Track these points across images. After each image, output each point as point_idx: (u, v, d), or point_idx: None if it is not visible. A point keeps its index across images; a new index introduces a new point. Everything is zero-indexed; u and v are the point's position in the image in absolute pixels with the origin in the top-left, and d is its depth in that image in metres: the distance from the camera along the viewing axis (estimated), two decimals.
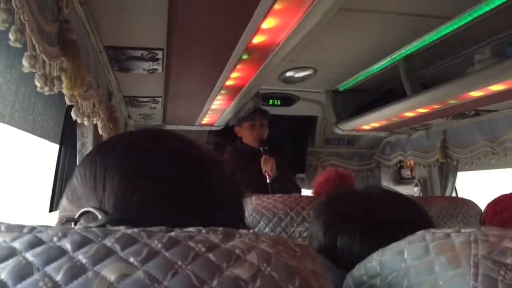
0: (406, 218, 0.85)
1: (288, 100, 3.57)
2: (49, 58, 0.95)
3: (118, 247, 0.37)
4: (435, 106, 2.50)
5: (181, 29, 1.60)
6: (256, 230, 1.38)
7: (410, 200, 0.92)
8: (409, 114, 2.76)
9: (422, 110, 2.63)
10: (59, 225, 0.51)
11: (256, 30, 1.56)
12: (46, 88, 0.96)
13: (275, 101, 3.55)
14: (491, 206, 1.54)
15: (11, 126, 1.34)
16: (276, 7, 1.38)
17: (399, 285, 0.46)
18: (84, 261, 0.36)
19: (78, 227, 0.39)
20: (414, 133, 3.61)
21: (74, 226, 0.39)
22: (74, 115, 1.30)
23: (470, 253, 0.43)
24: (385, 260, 0.48)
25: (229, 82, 2.26)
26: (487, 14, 1.88)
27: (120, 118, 2.41)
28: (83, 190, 0.51)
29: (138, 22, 1.55)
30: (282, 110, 3.58)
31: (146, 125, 3.40)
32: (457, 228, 0.46)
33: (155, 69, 1.97)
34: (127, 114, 3.02)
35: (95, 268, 0.35)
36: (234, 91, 2.48)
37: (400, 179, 4.09)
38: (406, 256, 0.46)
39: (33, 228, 0.38)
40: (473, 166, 3.13)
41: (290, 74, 2.97)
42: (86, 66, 1.45)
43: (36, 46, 0.88)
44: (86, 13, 1.44)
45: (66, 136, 2.14)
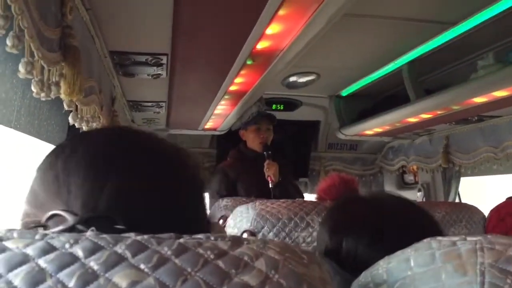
0: (411, 222, 0.86)
1: (291, 105, 3.57)
2: (48, 64, 0.96)
3: (129, 254, 0.38)
4: (438, 112, 2.50)
5: (185, 34, 1.61)
6: (260, 235, 1.39)
7: (415, 204, 0.94)
8: (412, 120, 2.76)
9: (425, 116, 2.63)
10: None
11: (260, 35, 1.57)
12: (43, 94, 0.96)
13: (278, 106, 3.55)
14: (495, 212, 1.54)
15: (17, 130, 1.35)
16: (280, 13, 1.39)
17: None
18: (95, 267, 0.36)
19: (89, 234, 0.39)
20: (417, 138, 3.61)
21: (45, 231, 0.39)
22: (71, 120, 1.30)
23: (477, 261, 0.43)
24: (391, 267, 0.48)
25: (232, 87, 2.27)
26: (490, 20, 1.88)
27: (123, 122, 2.42)
28: (46, 194, 0.51)
29: (143, 27, 1.56)
30: (285, 115, 3.59)
31: (149, 129, 3.40)
32: (463, 236, 0.47)
33: (159, 74, 1.98)
34: (131, 119, 3.03)
35: (107, 274, 0.36)
36: (238, 96, 2.49)
37: (403, 184, 4.08)
38: (412, 263, 0.47)
39: (45, 234, 0.38)
40: (475, 172, 3.13)
41: (293, 79, 2.97)
42: (89, 71, 1.46)
43: (34, 52, 0.88)
44: (91, 18, 1.45)
45: None
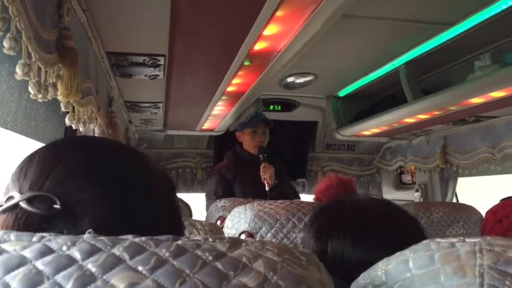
0: (393, 223, 0.88)
1: (288, 105, 3.57)
2: (45, 66, 0.95)
3: (126, 256, 0.38)
4: (436, 112, 2.51)
5: (183, 35, 1.61)
6: (258, 236, 1.38)
7: (398, 207, 0.96)
8: (409, 120, 2.77)
9: (422, 116, 2.63)
10: None
11: (258, 36, 1.57)
12: (40, 95, 0.96)
13: (276, 106, 3.55)
14: (491, 213, 1.54)
15: (14, 132, 1.34)
16: (278, 14, 1.39)
17: None
18: (93, 270, 0.36)
19: (86, 236, 0.39)
20: (414, 138, 3.61)
21: (43, 233, 0.40)
22: (68, 122, 1.30)
23: (476, 263, 0.43)
24: (390, 269, 0.48)
25: (230, 88, 2.27)
26: (487, 21, 1.89)
27: (120, 123, 2.42)
28: (11, 181, 0.58)
29: (140, 28, 1.56)
30: (283, 116, 3.59)
31: (147, 130, 3.40)
32: (462, 237, 0.47)
33: (157, 75, 1.98)
34: (128, 119, 3.03)
35: (104, 277, 0.36)
36: (235, 97, 2.49)
37: (400, 185, 4.09)
38: (411, 265, 0.47)
39: (42, 236, 0.38)
40: (473, 172, 3.14)
41: (291, 79, 2.98)
42: (86, 72, 1.45)
43: (32, 54, 0.88)
44: (88, 19, 1.44)
45: None
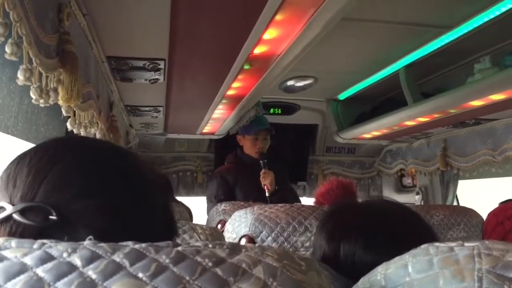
0: (405, 226, 0.88)
1: (289, 109, 3.58)
2: (46, 71, 0.96)
3: (127, 263, 0.38)
4: (436, 115, 2.51)
5: (183, 39, 1.61)
6: (258, 240, 1.38)
7: (410, 209, 0.95)
8: (409, 123, 2.77)
9: (422, 119, 2.63)
10: None
11: (257, 40, 1.57)
12: (42, 100, 0.97)
13: (276, 110, 3.56)
14: (492, 216, 1.54)
15: (15, 136, 1.35)
16: (277, 18, 1.39)
17: None
18: (94, 276, 0.36)
19: (86, 243, 0.39)
20: (415, 141, 3.62)
21: (43, 240, 0.40)
22: (69, 126, 1.30)
23: (474, 267, 0.43)
24: (389, 273, 0.48)
25: (230, 92, 2.27)
26: (487, 24, 1.89)
27: (121, 127, 2.42)
28: None
29: (140, 33, 1.57)
30: (283, 119, 3.59)
31: (147, 134, 3.40)
32: (460, 242, 0.47)
33: (157, 79, 1.98)
34: (129, 123, 3.03)
35: (105, 283, 0.36)
36: (235, 101, 2.49)
37: (401, 187, 4.09)
38: (410, 269, 0.47)
39: (43, 243, 0.38)
40: (473, 175, 3.13)
41: (291, 83, 2.98)
42: (87, 77, 1.45)
43: (33, 59, 0.88)
44: (89, 24, 1.45)
45: None
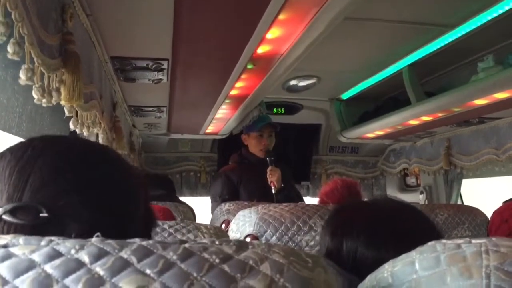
0: (407, 224, 0.90)
1: (292, 108, 3.58)
2: (48, 71, 0.96)
3: (134, 259, 0.38)
4: (439, 114, 2.50)
5: (186, 39, 1.62)
6: (262, 239, 1.38)
7: (414, 208, 0.97)
8: (413, 122, 2.76)
9: (426, 118, 2.63)
10: None
11: (260, 40, 1.57)
12: (44, 100, 0.97)
13: (279, 109, 3.56)
14: (498, 214, 1.54)
15: (19, 137, 1.35)
16: (280, 18, 1.39)
17: None
18: (102, 273, 0.36)
19: (94, 239, 0.39)
20: (418, 140, 3.61)
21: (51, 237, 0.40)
22: (72, 126, 1.30)
23: (482, 264, 0.43)
24: (396, 271, 0.48)
25: (233, 92, 2.27)
26: (490, 23, 1.89)
27: (124, 127, 2.42)
28: None
29: (144, 33, 1.57)
30: (286, 119, 3.59)
31: (151, 134, 3.41)
32: (467, 238, 0.47)
33: (160, 79, 1.99)
34: (132, 123, 3.04)
35: (113, 280, 0.36)
36: (239, 100, 2.49)
37: (405, 187, 4.08)
38: (417, 267, 0.47)
39: (50, 240, 0.38)
40: (477, 174, 3.13)
41: (294, 82, 2.98)
42: (90, 77, 1.46)
43: (34, 59, 0.88)
44: (92, 24, 1.45)
45: None
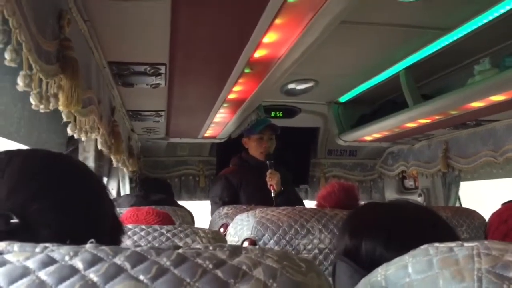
0: (424, 226, 0.91)
1: (290, 112, 3.58)
2: (46, 77, 0.96)
3: (128, 265, 0.38)
4: (436, 117, 2.51)
5: (183, 44, 1.62)
6: (260, 243, 1.39)
7: (431, 210, 0.98)
8: (410, 125, 2.77)
9: (423, 121, 2.63)
10: None
11: (257, 44, 1.58)
12: (42, 106, 0.97)
13: (277, 113, 3.56)
14: (497, 215, 1.54)
15: (17, 142, 1.35)
16: (277, 22, 1.40)
17: None
18: (95, 279, 0.37)
19: (88, 246, 0.40)
20: (416, 143, 3.61)
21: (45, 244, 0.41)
22: (70, 131, 1.30)
23: (474, 267, 0.43)
24: (389, 274, 0.48)
25: (231, 96, 2.28)
26: (486, 25, 1.90)
27: (123, 132, 2.42)
28: None
29: (141, 38, 1.57)
30: (284, 122, 3.59)
31: (149, 138, 3.41)
32: (460, 242, 0.47)
33: (158, 83, 1.99)
34: (131, 128, 3.04)
35: (107, 286, 0.36)
36: (237, 104, 2.49)
37: (403, 189, 4.08)
38: (410, 270, 0.47)
39: (45, 247, 0.39)
40: (475, 176, 3.13)
41: (291, 86, 2.99)
42: (88, 82, 1.46)
43: (32, 65, 0.89)
44: (90, 30, 1.46)
45: (70, 151, 2.15)
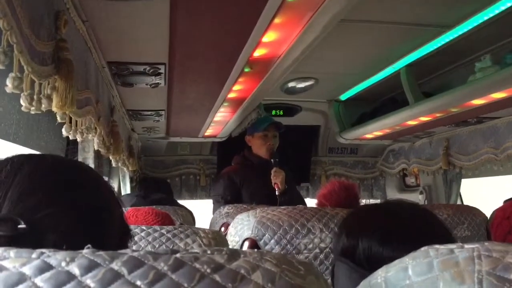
0: (421, 225, 0.93)
1: (290, 110, 3.58)
2: (39, 78, 0.96)
3: (125, 270, 0.38)
4: (438, 114, 2.51)
5: (182, 43, 1.62)
6: (261, 242, 1.38)
7: (426, 210, 0.99)
8: (411, 123, 2.76)
9: (424, 119, 2.63)
10: None
11: (257, 43, 1.57)
12: (33, 108, 0.96)
13: (278, 111, 3.56)
14: (500, 211, 1.53)
15: (16, 144, 1.35)
16: (276, 21, 1.40)
17: None
18: (92, 285, 0.36)
19: (85, 251, 0.39)
20: (417, 141, 3.61)
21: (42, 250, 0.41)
22: (65, 132, 1.30)
23: (474, 269, 0.43)
24: (389, 276, 0.48)
25: (231, 95, 2.27)
26: (487, 23, 1.89)
27: (122, 131, 2.42)
28: None
29: (140, 37, 1.57)
30: (285, 121, 3.58)
31: (150, 138, 3.41)
32: (460, 244, 0.47)
33: (158, 83, 1.99)
34: (131, 128, 3.04)
35: None
36: (237, 103, 2.49)
37: (404, 187, 4.08)
38: (410, 272, 0.47)
39: (41, 253, 0.38)
40: (476, 173, 3.13)
41: (292, 84, 2.98)
42: (86, 82, 1.45)
43: (24, 67, 0.88)
44: (88, 30, 1.45)
45: (70, 151, 2.15)
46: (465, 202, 3.50)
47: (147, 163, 3.89)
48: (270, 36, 1.51)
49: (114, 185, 3.24)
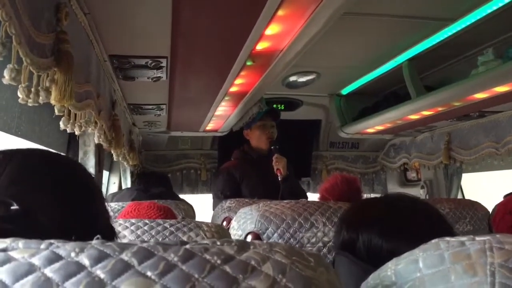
0: (419, 216, 0.92)
1: (292, 104, 3.57)
2: (38, 70, 0.95)
3: (135, 261, 0.37)
4: (439, 108, 2.50)
5: (184, 37, 1.61)
6: (264, 236, 1.38)
7: (425, 202, 1.01)
8: (413, 117, 2.76)
9: (426, 113, 2.62)
10: None
11: (259, 36, 1.57)
12: (30, 100, 0.95)
13: (279, 105, 3.55)
14: (502, 205, 1.53)
15: (19, 137, 1.34)
16: (279, 14, 1.39)
17: None
18: (102, 276, 0.36)
19: (94, 242, 0.39)
20: (418, 135, 3.61)
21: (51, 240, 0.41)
22: (62, 125, 1.28)
23: (486, 261, 0.43)
24: (400, 269, 0.48)
25: (233, 89, 2.26)
26: (490, 16, 1.88)
27: (124, 126, 2.42)
28: None
29: (142, 31, 1.56)
30: (286, 115, 3.59)
31: (150, 132, 3.41)
32: (471, 236, 0.46)
33: (159, 77, 1.98)
34: (132, 122, 3.03)
35: (114, 282, 0.36)
36: (238, 97, 2.48)
37: (405, 181, 4.08)
38: (421, 265, 0.46)
39: (50, 243, 0.38)
40: (477, 168, 3.12)
41: (293, 78, 2.97)
42: (87, 76, 1.44)
43: (23, 59, 0.87)
44: (90, 23, 1.44)
45: (72, 144, 2.15)
46: (466, 197, 3.50)
47: (149, 158, 3.88)
48: (273, 28, 1.50)
49: (115, 179, 3.23)
